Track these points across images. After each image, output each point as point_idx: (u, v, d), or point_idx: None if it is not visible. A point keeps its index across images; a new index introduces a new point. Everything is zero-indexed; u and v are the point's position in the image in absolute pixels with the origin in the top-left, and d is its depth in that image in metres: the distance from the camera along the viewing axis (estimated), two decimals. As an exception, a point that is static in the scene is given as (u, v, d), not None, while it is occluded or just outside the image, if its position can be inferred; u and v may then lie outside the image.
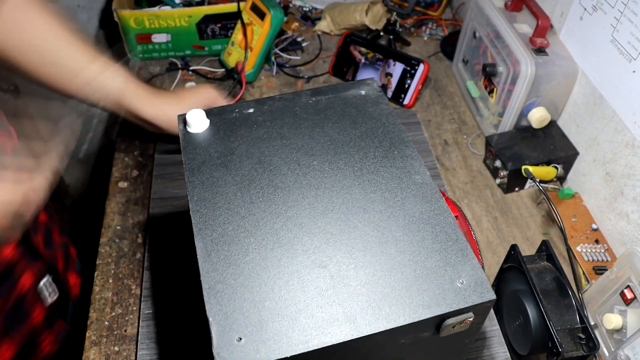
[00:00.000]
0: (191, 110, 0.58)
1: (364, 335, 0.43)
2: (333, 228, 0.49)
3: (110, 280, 0.78)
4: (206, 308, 0.44)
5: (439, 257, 0.47)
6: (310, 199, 0.52)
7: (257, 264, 0.47)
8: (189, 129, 0.58)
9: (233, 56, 1.11)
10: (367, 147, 0.56)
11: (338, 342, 0.42)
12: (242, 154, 0.56)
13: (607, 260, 0.81)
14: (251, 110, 0.60)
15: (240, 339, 0.42)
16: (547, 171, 0.90)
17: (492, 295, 0.45)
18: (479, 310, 0.46)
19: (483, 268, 0.52)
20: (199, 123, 0.58)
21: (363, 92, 0.62)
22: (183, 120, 0.58)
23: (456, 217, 0.52)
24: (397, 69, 1.08)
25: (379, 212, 0.51)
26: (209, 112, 0.60)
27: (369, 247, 0.48)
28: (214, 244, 0.48)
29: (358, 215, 0.50)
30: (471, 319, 0.45)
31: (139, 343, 0.70)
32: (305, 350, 0.42)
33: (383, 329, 0.43)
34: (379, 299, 0.45)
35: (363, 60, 1.11)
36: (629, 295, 0.65)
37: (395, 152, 0.56)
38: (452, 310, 0.44)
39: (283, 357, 0.42)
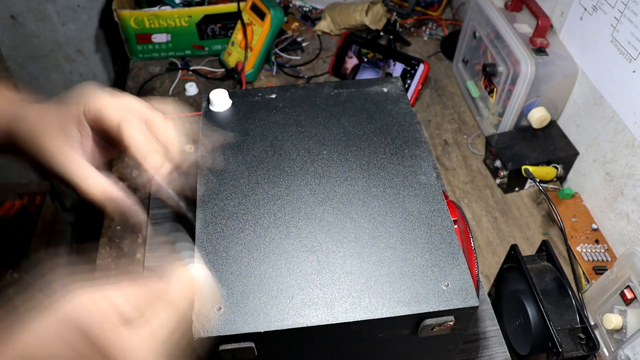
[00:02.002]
0: (215, 90, 0.60)
1: (339, 322, 0.43)
2: (330, 216, 0.50)
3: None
4: None
5: (429, 257, 0.48)
6: (313, 186, 0.53)
7: (250, 241, 0.48)
8: (212, 107, 0.60)
9: (233, 56, 1.11)
10: (378, 143, 0.57)
11: (313, 325, 0.43)
12: (256, 136, 0.57)
13: (607, 260, 0.81)
14: (273, 96, 0.62)
15: (220, 308, 0.44)
16: (547, 171, 0.90)
17: (475, 302, 0.45)
18: (461, 315, 0.45)
19: (479, 274, 0.52)
20: (221, 102, 0.60)
21: (385, 90, 0.63)
22: (207, 98, 0.60)
23: (455, 220, 0.52)
24: (397, 69, 1.08)
25: (378, 206, 0.51)
26: (233, 94, 0.62)
27: (361, 239, 0.49)
28: (213, 217, 0.50)
29: (356, 207, 0.51)
30: (451, 323, 0.45)
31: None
32: (280, 329, 0.43)
33: (359, 319, 0.44)
34: (361, 290, 0.45)
35: (364, 62, 1.11)
36: (629, 295, 0.65)
37: (405, 150, 0.56)
38: (431, 310, 0.44)
39: (257, 331, 0.43)
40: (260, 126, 0.59)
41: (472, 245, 0.53)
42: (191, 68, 1.15)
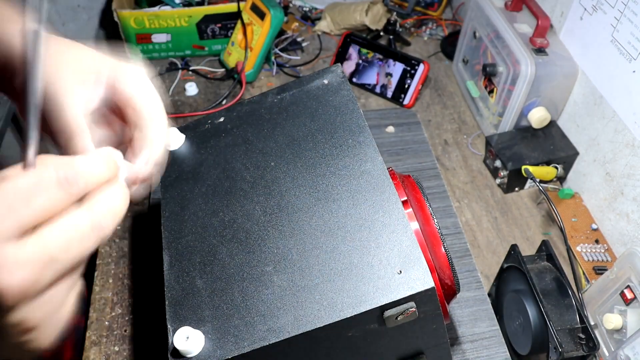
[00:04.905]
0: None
1: (300, 332, 0.43)
2: (283, 226, 0.50)
3: (110, 280, 0.78)
4: (167, 317, 0.47)
5: (380, 245, 0.47)
6: (263, 201, 0.53)
7: (215, 274, 0.49)
8: (168, 148, 0.59)
9: (233, 56, 1.11)
10: (322, 140, 0.56)
11: (283, 338, 0.44)
12: (209, 164, 0.57)
13: (607, 260, 0.81)
14: (221, 120, 0.61)
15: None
16: (547, 171, 0.90)
17: (429, 284, 0.43)
18: (421, 299, 0.44)
19: (448, 254, 0.51)
20: (174, 140, 0.59)
21: (326, 82, 0.61)
22: None
23: (405, 200, 0.51)
24: (397, 69, 1.08)
25: (327, 205, 0.51)
26: (185, 128, 0.61)
27: (315, 241, 0.49)
28: (178, 256, 0.51)
29: (307, 211, 0.51)
30: (413, 309, 0.44)
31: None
32: (253, 349, 0.43)
33: (318, 326, 0.43)
34: (321, 292, 0.45)
35: (361, 62, 1.11)
36: (629, 295, 0.65)
37: (349, 140, 0.55)
38: (387, 302, 0.43)
39: (235, 355, 0.43)
40: (212, 154, 0.58)
41: (435, 223, 0.52)
42: (191, 68, 1.15)
